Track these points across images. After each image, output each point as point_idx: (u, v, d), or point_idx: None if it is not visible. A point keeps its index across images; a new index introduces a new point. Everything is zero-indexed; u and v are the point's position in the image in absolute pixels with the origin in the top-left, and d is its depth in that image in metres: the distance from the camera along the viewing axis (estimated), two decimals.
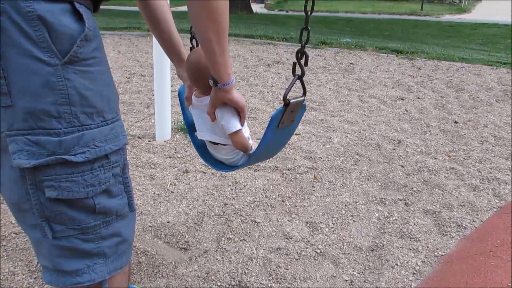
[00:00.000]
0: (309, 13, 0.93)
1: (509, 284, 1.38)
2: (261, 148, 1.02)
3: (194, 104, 1.08)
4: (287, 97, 0.94)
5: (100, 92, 0.73)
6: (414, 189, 2.19)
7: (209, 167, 1.24)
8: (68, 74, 0.67)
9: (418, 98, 3.89)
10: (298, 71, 0.97)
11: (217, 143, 1.11)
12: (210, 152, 1.18)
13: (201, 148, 1.19)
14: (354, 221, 1.89)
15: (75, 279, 0.79)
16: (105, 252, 0.82)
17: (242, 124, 1.03)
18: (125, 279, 0.92)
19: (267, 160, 2.45)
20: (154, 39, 2.47)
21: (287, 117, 0.98)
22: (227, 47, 0.87)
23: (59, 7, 0.64)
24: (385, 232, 1.81)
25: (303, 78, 0.97)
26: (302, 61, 0.93)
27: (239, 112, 1.02)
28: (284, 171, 2.34)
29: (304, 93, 1.00)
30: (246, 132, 1.06)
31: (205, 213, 1.90)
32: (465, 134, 3.02)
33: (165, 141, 2.66)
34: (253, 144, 1.10)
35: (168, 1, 1.07)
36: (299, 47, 0.92)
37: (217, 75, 0.90)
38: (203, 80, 0.99)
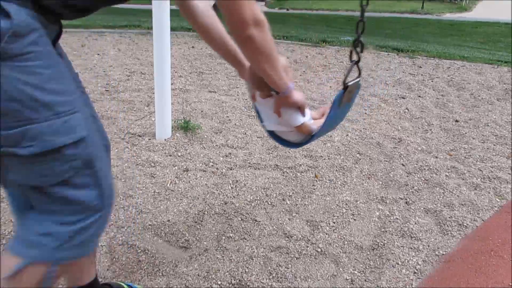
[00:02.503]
0: (364, 6, 1.03)
1: (510, 284, 1.37)
2: (325, 126, 1.14)
3: (259, 102, 1.17)
4: (345, 81, 1.06)
5: (43, 85, 0.72)
6: (415, 188, 2.19)
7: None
8: (2, 71, 0.67)
9: (419, 96, 3.88)
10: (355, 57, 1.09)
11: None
12: (280, 135, 1.28)
13: (272, 132, 1.29)
14: (354, 220, 1.89)
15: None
16: (63, 237, 0.84)
17: (304, 116, 1.12)
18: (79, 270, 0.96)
19: (268, 159, 2.45)
20: (154, 37, 2.47)
21: (346, 97, 1.11)
22: (279, 63, 0.96)
23: None
24: (386, 231, 1.80)
25: (359, 63, 1.09)
26: (358, 49, 1.07)
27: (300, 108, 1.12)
28: (285, 170, 2.33)
29: (359, 75, 1.12)
30: (308, 120, 1.15)
31: (206, 212, 1.89)
32: (466, 133, 3.01)
33: (165, 140, 2.65)
34: (316, 122, 1.19)
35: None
36: (355, 37, 1.06)
37: (276, 88, 1.01)
38: (265, 88, 1.10)
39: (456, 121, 3.27)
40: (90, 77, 4.05)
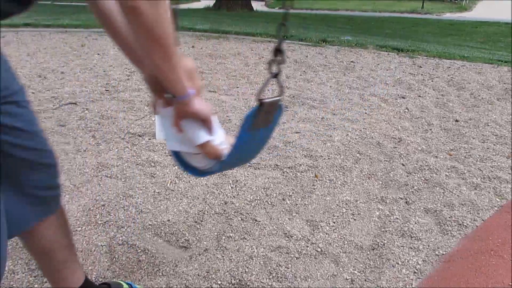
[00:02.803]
0: (288, 7, 0.87)
1: (510, 284, 1.37)
2: (234, 151, 0.94)
3: (161, 112, 0.98)
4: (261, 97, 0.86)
5: None
6: (415, 187, 2.19)
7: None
8: None
9: (419, 96, 3.88)
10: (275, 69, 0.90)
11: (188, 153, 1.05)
12: (184, 158, 1.10)
13: (176, 154, 1.11)
14: (354, 219, 1.89)
15: None
16: None
17: (210, 134, 0.94)
18: None
19: (268, 159, 2.45)
20: None
21: (262, 118, 0.90)
22: (176, 58, 0.77)
23: None
24: (386, 231, 1.80)
25: (278, 77, 0.88)
26: (279, 58, 0.86)
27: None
28: (285, 170, 2.33)
29: (281, 92, 0.90)
30: (218, 139, 0.97)
31: (206, 212, 1.89)
32: (466, 133, 3.01)
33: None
34: (228, 149, 1.01)
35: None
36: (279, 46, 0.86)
37: (171, 91, 0.83)
38: (161, 92, 0.90)
39: (456, 120, 3.27)
40: (90, 77, 4.05)
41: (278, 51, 0.85)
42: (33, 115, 0.95)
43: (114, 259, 1.56)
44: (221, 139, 0.98)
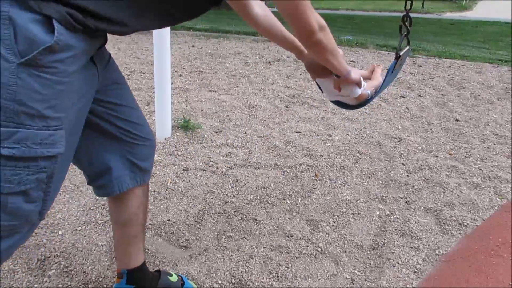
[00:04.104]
0: None
1: (510, 283, 1.37)
2: (380, 90, 1.32)
3: (319, 81, 1.31)
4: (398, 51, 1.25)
5: (49, 99, 0.76)
6: (415, 187, 2.19)
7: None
8: (21, 74, 0.72)
9: (419, 96, 3.88)
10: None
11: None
12: (340, 101, 1.39)
13: (335, 101, 1.42)
14: (355, 219, 1.89)
15: None
16: None
17: (360, 87, 1.26)
18: None
19: (268, 158, 2.45)
20: (154, 36, 2.47)
21: (398, 64, 1.29)
22: (339, 54, 1.10)
23: (32, 16, 0.71)
24: (386, 231, 1.80)
25: (408, 35, 1.27)
26: (407, 23, 1.25)
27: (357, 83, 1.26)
28: (285, 169, 2.33)
29: (408, 44, 1.32)
30: (364, 88, 1.28)
31: (206, 211, 1.89)
32: (466, 132, 3.01)
33: (165, 139, 2.65)
34: (369, 86, 1.32)
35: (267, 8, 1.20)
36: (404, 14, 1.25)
37: (338, 73, 1.16)
38: (325, 72, 1.23)
39: (457, 120, 3.26)
40: None
41: (407, 17, 1.24)
42: (130, 95, 1.13)
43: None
44: (365, 87, 1.30)
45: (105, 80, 1.01)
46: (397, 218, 1.90)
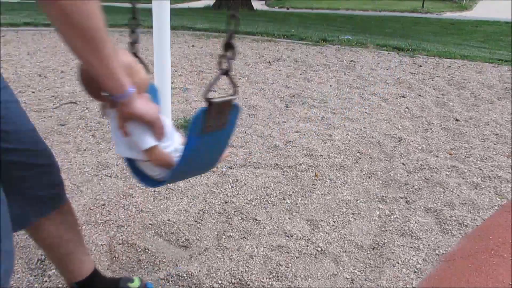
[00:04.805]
0: None
1: (510, 283, 1.37)
2: (184, 159, 0.84)
3: (110, 115, 0.90)
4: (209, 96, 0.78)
5: None
6: (415, 187, 2.18)
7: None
8: None
9: (419, 95, 3.88)
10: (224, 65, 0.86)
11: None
12: (138, 165, 1.00)
13: (130, 161, 1.00)
14: (355, 219, 1.89)
15: None
16: None
17: (159, 139, 0.87)
18: None
19: (268, 158, 2.44)
20: (154, 36, 2.46)
21: (213, 120, 0.81)
22: (111, 53, 0.71)
23: None
24: (386, 230, 1.80)
25: (230, 74, 0.82)
26: (229, 54, 0.79)
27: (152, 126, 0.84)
28: (285, 169, 2.33)
29: (234, 91, 0.84)
30: (171, 145, 0.90)
31: (206, 211, 1.89)
32: (466, 132, 3.01)
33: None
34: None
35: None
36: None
37: (107, 88, 0.75)
38: (98, 91, 0.81)
39: (457, 120, 3.26)
40: None
41: (228, 46, 0.77)
42: (20, 115, 0.89)
43: (114, 258, 1.56)
44: (177, 145, 0.89)
45: None
46: (397, 218, 1.90)
